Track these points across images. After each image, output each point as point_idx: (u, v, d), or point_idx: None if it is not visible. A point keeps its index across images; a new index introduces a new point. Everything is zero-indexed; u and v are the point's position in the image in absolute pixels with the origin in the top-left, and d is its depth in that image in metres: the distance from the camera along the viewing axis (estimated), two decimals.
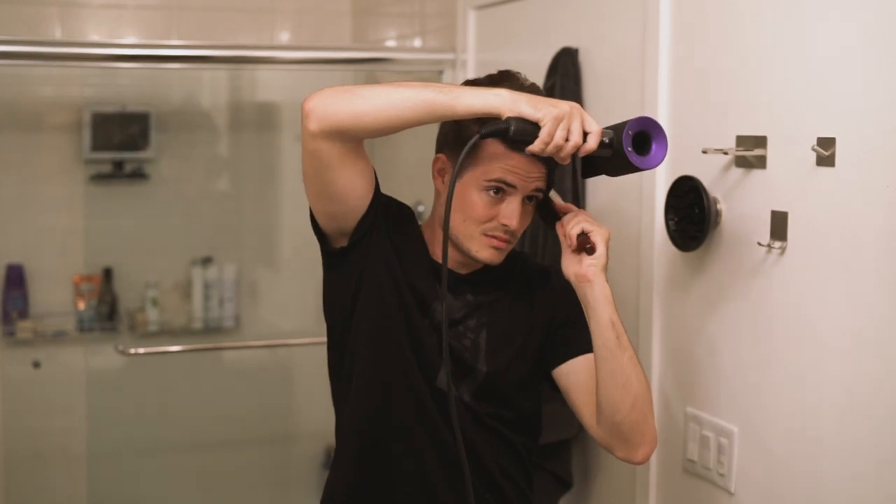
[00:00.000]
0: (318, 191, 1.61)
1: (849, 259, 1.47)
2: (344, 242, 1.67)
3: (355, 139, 1.54)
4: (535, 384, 1.73)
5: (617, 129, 1.48)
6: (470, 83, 1.67)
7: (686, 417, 1.85)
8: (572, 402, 1.67)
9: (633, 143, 1.47)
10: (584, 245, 1.58)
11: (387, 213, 1.68)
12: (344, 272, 1.70)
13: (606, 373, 1.56)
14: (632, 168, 1.48)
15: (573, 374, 1.66)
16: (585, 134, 1.46)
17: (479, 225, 1.61)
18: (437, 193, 1.70)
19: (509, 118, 1.45)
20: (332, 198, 1.61)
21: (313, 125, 1.50)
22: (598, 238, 1.57)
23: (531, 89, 1.60)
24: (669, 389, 1.91)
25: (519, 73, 1.67)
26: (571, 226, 1.59)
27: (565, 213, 1.63)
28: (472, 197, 1.61)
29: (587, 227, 1.58)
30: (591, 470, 2.21)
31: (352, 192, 1.60)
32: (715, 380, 1.77)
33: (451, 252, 1.67)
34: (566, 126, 1.43)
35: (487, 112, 1.46)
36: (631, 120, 1.48)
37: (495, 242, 1.62)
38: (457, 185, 1.62)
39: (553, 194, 1.73)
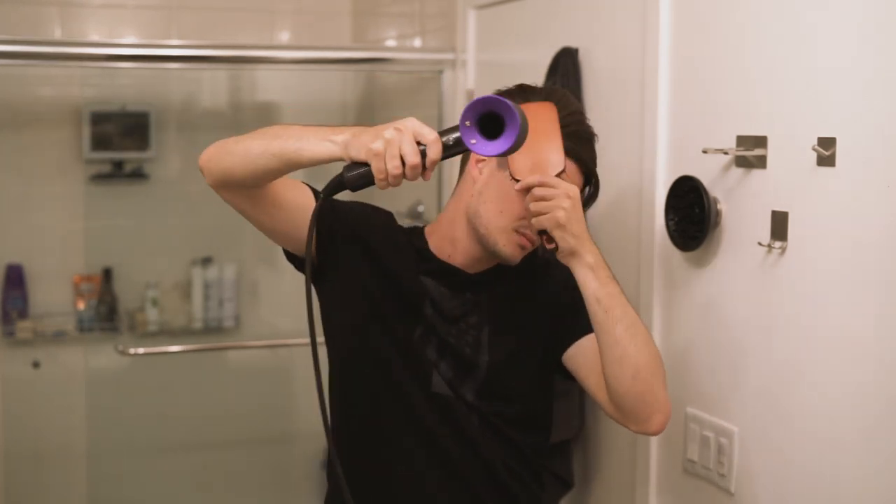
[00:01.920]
0: (264, 233, 1.65)
1: (849, 259, 1.47)
2: (316, 261, 1.69)
3: (246, 188, 1.56)
4: (543, 380, 1.72)
5: (458, 124, 1.37)
6: (523, 87, 1.64)
7: (686, 417, 1.85)
8: (584, 384, 1.65)
9: (485, 128, 1.34)
10: (546, 245, 1.53)
11: (346, 222, 1.68)
12: (324, 289, 1.72)
13: (603, 347, 1.54)
14: (495, 153, 1.35)
15: (580, 356, 1.65)
16: (426, 147, 1.36)
17: (514, 221, 1.60)
18: (471, 181, 1.66)
19: (344, 168, 1.40)
20: (273, 235, 1.65)
21: (208, 179, 1.57)
22: (554, 231, 1.50)
23: (548, 94, 1.59)
24: (669, 389, 1.90)
25: (535, 86, 1.66)
26: (533, 223, 1.53)
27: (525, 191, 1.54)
28: (513, 192, 1.59)
29: (540, 223, 1.51)
30: (592, 470, 2.21)
31: (285, 225, 1.62)
32: (715, 380, 1.77)
33: (468, 248, 1.67)
34: (394, 153, 1.34)
35: (331, 160, 1.43)
36: (464, 111, 1.34)
37: (523, 241, 1.61)
38: (500, 175, 1.61)
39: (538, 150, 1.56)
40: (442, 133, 1.38)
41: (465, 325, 1.67)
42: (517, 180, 1.55)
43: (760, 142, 1.63)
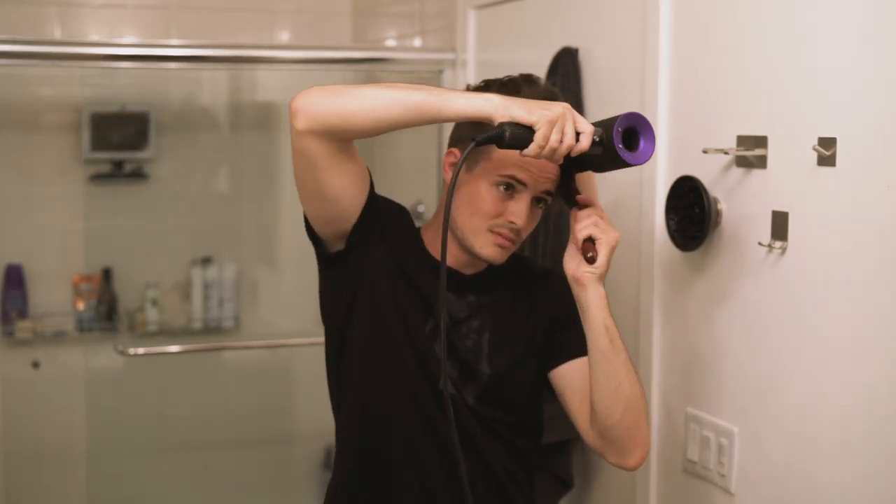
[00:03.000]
0: (309, 193, 1.60)
1: (849, 259, 1.47)
2: (341, 246, 1.65)
3: (343, 139, 1.52)
4: (537, 389, 1.72)
5: (606, 126, 1.48)
6: (488, 83, 1.65)
7: (686, 417, 1.85)
8: (567, 404, 1.67)
9: (622, 139, 1.48)
10: (587, 253, 1.56)
11: (383, 215, 1.66)
12: (341, 276, 1.69)
13: (599, 376, 1.57)
14: (622, 164, 1.49)
15: (568, 376, 1.66)
16: (578, 134, 1.45)
17: (486, 220, 1.60)
18: (445, 187, 1.68)
19: (503, 124, 1.43)
20: (324, 200, 1.60)
21: (301, 124, 1.49)
22: (603, 246, 1.55)
23: (549, 94, 1.59)
24: (669, 389, 1.91)
25: (539, 77, 1.66)
26: (581, 226, 1.57)
27: (583, 205, 1.60)
28: (481, 191, 1.60)
29: (596, 233, 1.56)
30: (591, 470, 2.21)
31: (343, 193, 1.59)
32: (715, 380, 1.77)
33: (454, 251, 1.67)
34: (560, 129, 1.43)
35: (478, 117, 1.44)
36: (619, 117, 1.47)
37: (500, 240, 1.61)
38: (468, 178, 1.62)
39: (587, 179, 1.72)
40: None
41: (466, 329, 1.67)
42: (578, 191, 1.62)
43: (761, 142, 1.63)
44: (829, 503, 1.53)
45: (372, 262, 1.65)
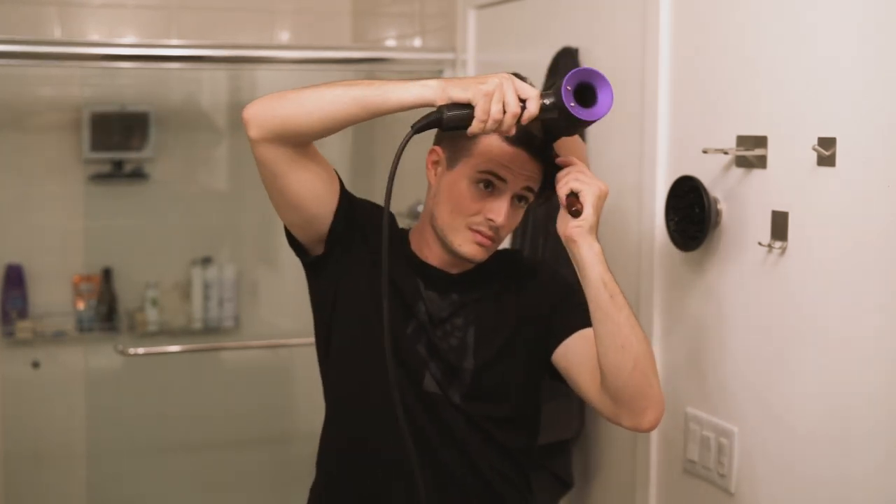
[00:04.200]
0: (278, 201, 1.62)
1: (849, 259, 1.47)
2: (321, 250, 1.67)
3: (297, 143, 1.54)
4: (530, 382, 1.71)
5: (556, 87, 1.46)
6: None
7: (686, 417, 1.85)
8: (575, 380, 1.62)
9: (578, 97, 1.45)
10: (571, 207, 1.53)
11: (360, 217, 1.67)
12: (323, 280, 1.70)
13: (604, 334, 1.51)
14: (582, 122, 1.47)
15: (570, 352, 1.62)
16: (526, 101, 1.44)
17: (465, 218, 1.60)
18: (429, 186, 1.69)
19: (441, 107, 1.44)
20: (293, 206, 1.62)
21: (253, 132, 1.52)
22: (587, 198, 1.52)
23: None
24: (669, 389, 1.91)
25: (525, 76, 1.66)
26: (562, 184, 1.55)
27: (564, 166, 1.58)
28: (461, 188, 1.60)
29: (576, 185, 1.53)
30: (591, 470, 2.21)
31: (310, 197, 1.61)
32: (715, 380, 1.77)
33: (439, 251, 1.67)
34: (499, 99, 1.42)
35: (419, 104, 1.45)
36: (567, 75, 1.45)
37: (479, 238, 1.61)
38: (449, 175, 1.62)
39: (570, 146, 1.67)
40: (543, 92, 1.46)
41: (450, 327, 1.67)
42: (557, 155, 1.59)
43: (760, 142, 1.63)
44: (829, 503, 1.53)
45: (352, 265, 1.66)
